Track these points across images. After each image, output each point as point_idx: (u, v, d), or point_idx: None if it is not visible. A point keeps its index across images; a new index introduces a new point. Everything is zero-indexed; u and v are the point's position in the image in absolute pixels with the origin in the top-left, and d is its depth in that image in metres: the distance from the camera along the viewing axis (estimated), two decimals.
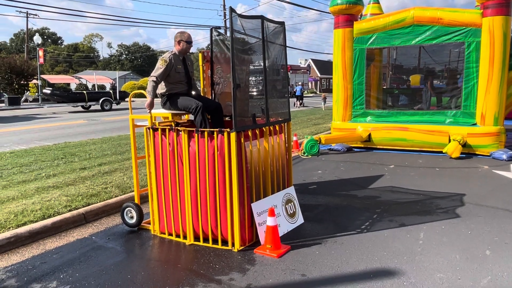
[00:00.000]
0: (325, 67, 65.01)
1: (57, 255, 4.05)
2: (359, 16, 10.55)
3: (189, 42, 4.80)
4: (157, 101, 4.63)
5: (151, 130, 4.36)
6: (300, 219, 4.70)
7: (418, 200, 5.60)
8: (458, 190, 6.05)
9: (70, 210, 5.08)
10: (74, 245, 4.30)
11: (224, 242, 4.13)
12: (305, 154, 9.08)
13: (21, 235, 4.39)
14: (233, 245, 4.05)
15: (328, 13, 10.08)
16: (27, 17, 40.70)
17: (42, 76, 33.65)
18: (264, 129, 4.40)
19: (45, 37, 78.85)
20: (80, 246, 4.28)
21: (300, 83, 36.65)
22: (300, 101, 29.01)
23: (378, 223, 4.71)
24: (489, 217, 4.84)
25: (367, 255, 3.85)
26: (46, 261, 3.92)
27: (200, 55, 5.22)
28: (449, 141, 8.66)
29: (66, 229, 4.79)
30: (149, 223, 4.67)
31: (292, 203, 4.67)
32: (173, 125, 4.51)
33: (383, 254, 3.88)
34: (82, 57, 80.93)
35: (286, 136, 4.91)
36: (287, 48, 4.94)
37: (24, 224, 4.61)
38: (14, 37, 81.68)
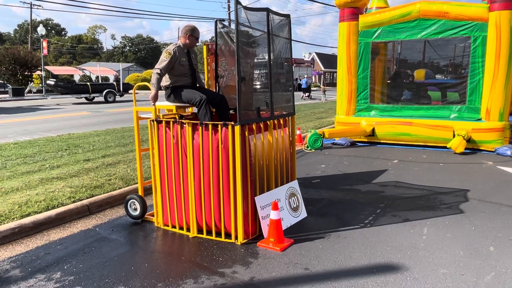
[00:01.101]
0: (329, 60, 64.68)
1: (61, 246, 4.07)
2: (365, 10, 10.47)
3: (198, 38, 4.77)
4: (161, 93, 4.61)
5: (155, 122, 4.35)
6: (303, 213, 4.70)
7: (422, 195, 5.58)
8: (462, 185, 6.03)
9: (74, 202, 5.10)
10: (78, 236, 4.32)
11: (227, 235, 4.14)
12: (309, 148, 9.06)
13: (25, 225, 4.41)
14: (236, 238, 4.06)
15: (333, 6, 10.02)
16: (31, 7, 40.65)
17: (46, 67, 33.64)
18: (269, 123, 4.38)
19: (49, 28, 78.81)
20: (84, 237, 4.30)
21: (306, 76, 37.62)
22: (308, 93, 29.95)
23: (382, 218, 4.70)
24: (493, 213, 4.82)
25: (370, 250, 3.85)
26: (50, 252, 3.94)
27: (204, 47, 5.20)
28: (454, 136, 8.62)
29: (70, 220, 4.81)
30: (153, 215, 4.68)
31: (295, 197, 4.67)
32: (177, 117, 4.51)
33: (387, 249, 3.88)
34: (86, 48, 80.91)
35: (290, 130, 4.89)
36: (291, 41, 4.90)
37: (28, 215, 4.63)
38: (18, 28, 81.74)
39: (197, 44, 4.88)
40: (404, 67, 11.07)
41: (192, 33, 4.72)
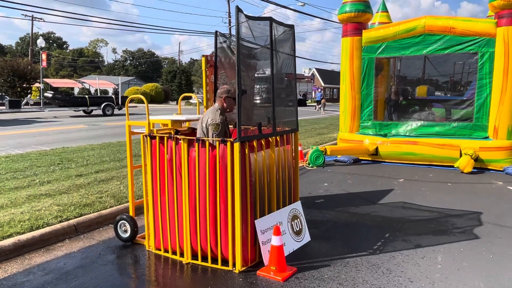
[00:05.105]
0: (329, 76, 64.78)
1: (43, 272, 3.71)
2: (368, 25, 10.27)
3: (235, 98, 4.16)
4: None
5: (148, 137, 4.05)
6: (306, 237, 4.36)
7: (432, 218, 5.24)
8: (473, 207, 5.69)
9: (60, 221, 4.75)
10: (62, 261, 3.97)
11: (225, 262, 3.78)
12: (310, 165, 8.74)
13: (5, 248, 4.06)
14: (234, 265, 3.71)
15: (332, 21, 9.86)
16: (32, 20, 40.76)
17: (45, 79, 33.44)
18: (270, 139, 4.07)
19: (50, 41, 79.18)
20: (68, 262, 3.95)
21: (319, 90, 40.49)
22: (320, 105, 32.03)
23: (391, 243, 4.36)
24: (510, 239, 4.48)
25: (381, 281, 3.50)
26: (29, 279, 3.58)
27: (203, 59, 4.93)
28: (460, 155, 8.32)
29: (55, 242, 4.46)
30: (144, 238, 4.33)
31: (298, 219, 4.33)
32: (172, 132, 4.21)
33: (399, 279, 3.53)
34: (87, 62, 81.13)
35: (293, 147, 4.58)
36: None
37: (10, 236, 4.29)
38: (19, 41, 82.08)
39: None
40: (409, 83, 10.82)
41: (228, 94, 4.18)
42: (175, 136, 3.88)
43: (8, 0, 23.78)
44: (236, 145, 3.57)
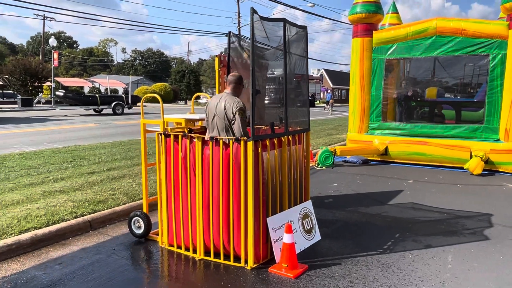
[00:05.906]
0: (338, 77, 64.64)
1: (59, 266, 3.81)
2: (378, 26, 10.28)
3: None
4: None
5: (163, 136, 4.13)
6: (317, 236, 4.41)
7: (442, 219, 5.26)
8: (483, 209, 5.70)
9: (75, 217, 4.86)
10: (78, 255, 4.06)
11: (237, 258, 3.85)
12: (319, 165, 8.78)
13: (23, 242, 4.17)
14: (246, 262, 3.77)
15: (341, 22, 9.87)
16: (43, 20, 41.23)
17: (56, 78, 33.84)
18: (283, 139, 4.13)
19: (61, 40, 79.92)
20: (84, 256, 4.04)
21: (329, 91, 41.58)
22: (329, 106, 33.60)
23: (402, 243, 4.39)
24: None
25: (392, 280, 3.54)
26: (47, 272, 3.68)
27: (216, 59, 5.01)
28: (471, 157, 8.30)
29: (70, 237, 4.57)
30: (157, 234, 4.42)
31: (309, 218, 4.38)
32: (186, 131, 4.28)
33: (409, 278, 3.57)
34: (97, 61, 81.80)
35: (304, 147, 4.63)
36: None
37: (27, 230, 4.40)
38: (31, 40, 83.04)
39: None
40: (419, 85, 10.79)
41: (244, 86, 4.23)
42: (190, 134, 3.95)
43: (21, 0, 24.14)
44: (250, 144, 3.63)
